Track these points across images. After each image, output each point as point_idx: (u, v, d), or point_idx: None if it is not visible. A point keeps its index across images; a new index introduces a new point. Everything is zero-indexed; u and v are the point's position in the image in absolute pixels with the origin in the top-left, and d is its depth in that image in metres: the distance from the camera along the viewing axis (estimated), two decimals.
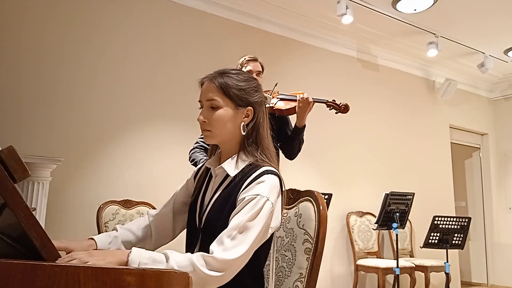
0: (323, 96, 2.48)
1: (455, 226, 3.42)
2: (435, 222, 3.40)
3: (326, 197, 3.29)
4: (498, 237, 5.69)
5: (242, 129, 1.15)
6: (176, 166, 3.17)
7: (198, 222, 1.17)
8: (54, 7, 3.00)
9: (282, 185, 1.12)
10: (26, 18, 2.89)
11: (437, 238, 3.43)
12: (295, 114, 2.30)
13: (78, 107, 3.01)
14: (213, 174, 1.22)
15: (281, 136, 2.39)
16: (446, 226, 3.41)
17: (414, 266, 3.96)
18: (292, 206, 1.30)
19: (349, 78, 4.58)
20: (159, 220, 1.26)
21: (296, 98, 2.29)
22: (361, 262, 4.07)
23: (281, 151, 2.40)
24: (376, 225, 3.46)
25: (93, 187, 2.98)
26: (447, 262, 3.42)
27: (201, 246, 1.13)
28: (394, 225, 3.33)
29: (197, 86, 1.20)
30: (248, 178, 1.09)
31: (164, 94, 3.37)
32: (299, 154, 2.44)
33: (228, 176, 1.15)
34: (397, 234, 3.40)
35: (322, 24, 4.27)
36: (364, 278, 4.27)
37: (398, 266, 3.38)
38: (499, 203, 5.78)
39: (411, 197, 3.46)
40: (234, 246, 0.96)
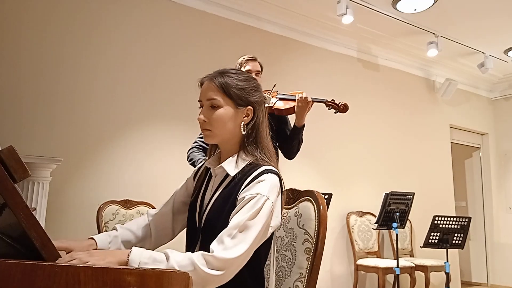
0: (324, 96, 2.48)
1: (455, 226, 3.42)
2: (435, 222, 3.40)
3: (326, 197, 3.29)
4: (498, 237, 5.69)
5: (242, 128, 1.15)
6: (176, 166, 3.17)
7: (198, 222, 1.17)
8: (54, 7, 3.00)
9: (282, 184, 1.12)
10: (26, 18, 2.89)
11: (437, 238, 3.42)
12: (294, 114, 2.30)
13: (78, 107, 3.01)
14: (213, 173, 1.22)
15: (280, 135, 2.38)
16: (446, 226, 3.41)
17: (414, 266, 3.96)
18: (292, 206, 1.30)
19: (349, 78, 4.58)
20: (159, 219, 1.26)
21: (295, 98, 2.29)
22: (361, 262, 4.07)
23: (280, 151, 2.40)
24: (376, 225, 3.45)
25: (93, 187, 2.98)
26: (447, 262, 3.42)
27: (201, 246, 1.13)
28: (394, 225, 3.33)
29: (197, 86, 1.20)
30: (248, 177, 1.09)
31: (164, 94, 3.36)
32: (299, 154, 2.44)
33: (228, 175, 1.15)
34: (397, 234, 3.40)
35: (322, 24, 4.27)
36: (364, 278, 4.27)
37: (398, 266, 3.38)
38: (499, 203, 5.78)
39: (411, 197, 3.46)
40: (234, 245, 0.96)
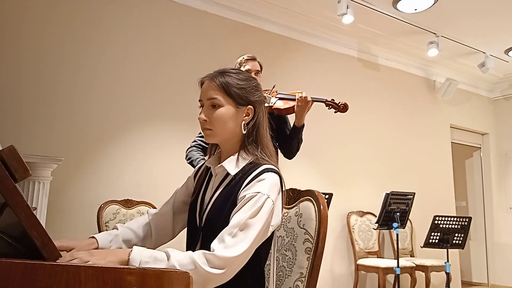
0: (323, 95, 2.48)
1: (456, 226, 3.41)
2: (436, 222, 3.40)
3: (327, 196, 3.29)
4: (498, 236, 5.69)
5: (242, 128, 1.15)
6: (176, 166, 3.17)
7: (198, 221, 1.17)
8: (54, 7, 3.00)
9: (282, 183, 1.13)
10: (26, 18, 2.89)
11: (437, 237, 3.42)
12: (294, 114, 2.30)
13: (78, 107, 3.01)
14: (213, 173, 1.22)
15: (280, 135, 2.38)
16: (447, 226, 3.40)
17: (415, 265, 3.96)
18: (292, 205, 1.30)
19: (349, 77, 4.58)
20: (159, 219, 1.26)
21: (295, 98, 2.28)
22: (361, 261, 4.07)
23: (279, 151, 2.40)
24: (376, 224, 3.45)
25: (93, 187, 2.98)
26: (448, 261, 3.42)
27: (201, 245, 1.13)
28: (395, 224, 3.33)
29: (197, 86, 1.20)
30: (248, 176, 1.09)
31: (164, 94, 3.36)
32: (299, 153, 2.43)
33: (228, 174, 1.15)
34: (397, 234, 3.40)
35: (323, 23, 4.27)
36: (364, 277, 4.27)
37: (398, 266, 3.38)
38: (500, 203, 5.77)
39: (412, 196, 3.46)
40: (235, 244, 0.96)
